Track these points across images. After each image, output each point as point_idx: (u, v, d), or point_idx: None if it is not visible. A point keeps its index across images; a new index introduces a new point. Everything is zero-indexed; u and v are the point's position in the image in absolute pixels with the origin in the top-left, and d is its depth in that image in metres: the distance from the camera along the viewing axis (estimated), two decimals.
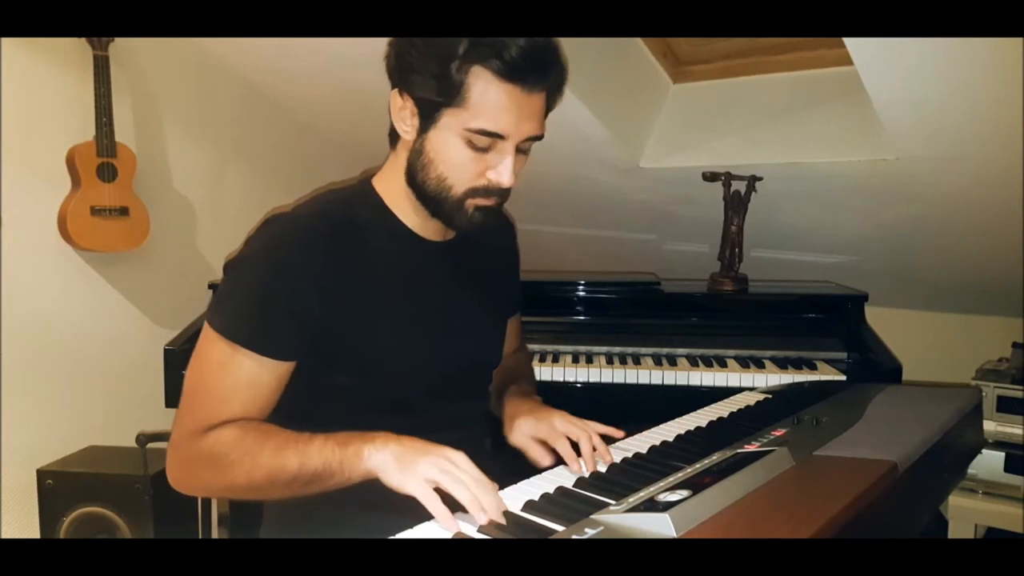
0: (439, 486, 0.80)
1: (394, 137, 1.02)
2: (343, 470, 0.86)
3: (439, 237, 1.06)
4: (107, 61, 1.82)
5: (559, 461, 1.00)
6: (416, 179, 0.99)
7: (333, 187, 1.08)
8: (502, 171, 0.95)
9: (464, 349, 1.08)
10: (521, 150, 0.97)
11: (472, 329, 1.10)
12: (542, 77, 0.93)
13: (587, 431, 1.00)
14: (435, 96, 0.92)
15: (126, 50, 1.95)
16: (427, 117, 0.94)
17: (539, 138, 0.97)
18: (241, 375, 0.93)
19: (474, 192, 0.96)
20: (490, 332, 1.17)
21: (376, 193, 1.05)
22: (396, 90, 0.97)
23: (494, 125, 0.91)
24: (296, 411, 1.02)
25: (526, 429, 1.04)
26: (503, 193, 0.98)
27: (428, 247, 1.06)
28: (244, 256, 0.96)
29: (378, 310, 0.99)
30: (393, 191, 1.03)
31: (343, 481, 0.87)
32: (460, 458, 0.83)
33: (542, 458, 1.01)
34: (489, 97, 0.90)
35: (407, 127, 0.97)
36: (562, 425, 1.01)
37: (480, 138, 0.92)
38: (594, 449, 0.99)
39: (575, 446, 0.99)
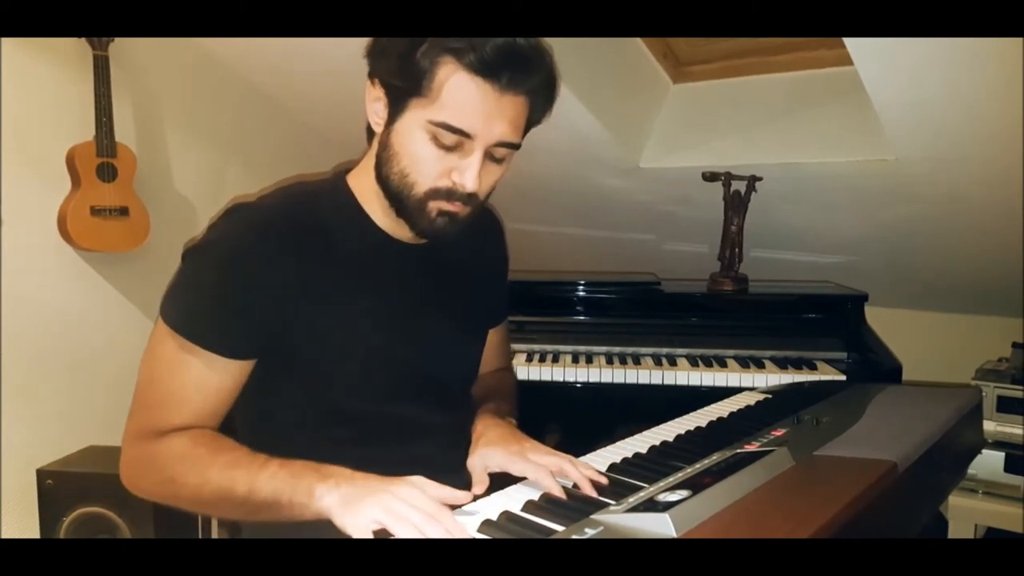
0: (383, 525, 0.75)
1: (371, 133, 0.98)
2: (292, 506, 0.81)
3: (412, 239, 1.01)
4: (107, 61, 1.82)
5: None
6: (381, 173, 0.94)
7: (302, 178, 1.04)
8: (466, 174, 0.89)
9: (432, 358, 1.03)
10: (495, 158, 0.92)
11: (443, 337, 1.05)
12: (519, 79, 0.87)
13: (566, 458, 0.92)
14: (399, 81, 0.88)
15: (126, 50, 1.95)
16: (395, 107, 0.90)
17: (514, 147, 0.92)
18: (190, 373, 0.90)
19: (436, 193, 0.91)
20: (463, 340, 1.11)
21: (348, 189, 1.00)
22: (370, 79, 0.93)
23: (459, 120, 0.86)
24: (253, 428, 1.01)
25: (492, 460, 0.94)
26: (469, 200, 0.92)
27: (399, 248, 1.01)
28: (201, 245, 0.93)
29: (336, 312, 0.94)
30: (365, 188, 0.99)
31: (293, 517, 0.81)
32: (409, 492, 0.77)
33: (477, 489, 0.92)
34: (456, 90, 0.85)
35: (378, 118, 0.94)
36: (539, 458, 0.91)
37: (445, 134, 0.87)
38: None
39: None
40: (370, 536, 0.75)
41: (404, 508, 0.75)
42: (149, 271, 2.08)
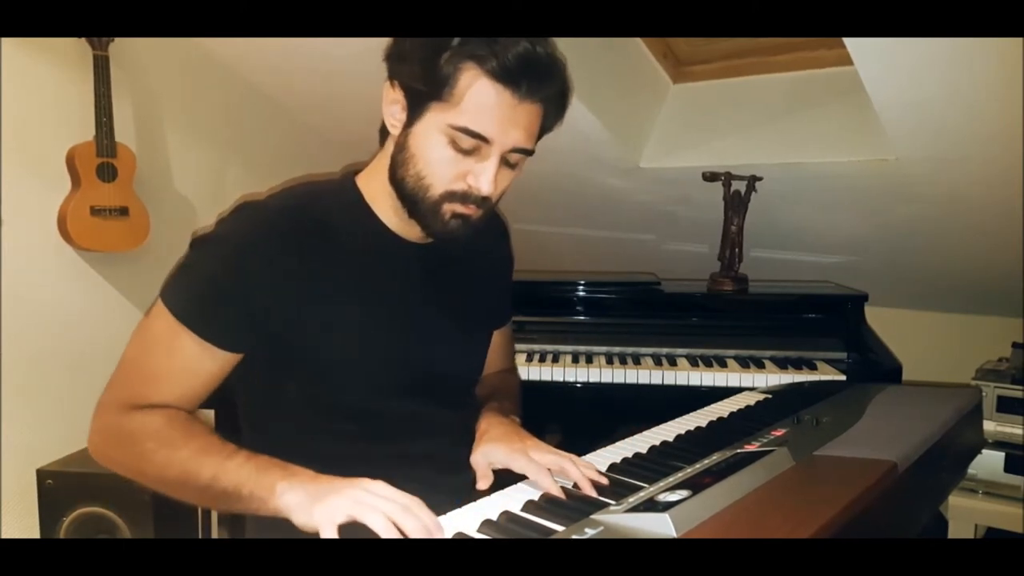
0: (354, 520, 0.75)
1: (384, 134, 0.99)
2: (252, 499, 0.81)
3: (420, 238, 1.02)
4: (107, 61, 1.82)
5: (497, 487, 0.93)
6: (396, 175, 0.95)
7: (311, 177, 1.05)
8: (482, 177, 0.91)
9: (436, 357, 1.03)
10: (509, 163, 0.94)
11: (447, 336, 1.05)
12: (537, 87, 0.89)
13: (569, 457, 0.93)
14: (422, 85, 0.89)
15: (126, 50, 1.95)
16: (414, 110, 0.92)
17: (529, 152, 0.94)
18: (179, 357, 0.91)
19: (452, 196, 0.93)
20: (468, 340, 1.12)
21: (357, 189, 1.02)
22: (389, 81, 0.94)
23: (478, 126, 0.88)
24: (256, 425, 1.02)
25: (494, 456, 0.95)
26: (483, 203, 0.94)
27: (406, 248, 1.02)
28: (208, 237, 0.94)
29: (339, 310, 0.95)
30: (375, 189, 1.00)
31: (251, 510, 0.82)
32: (377, 486, 0.79)
33: (482, 484, 0.94)
34: (477, 95, 0.88)
35: (395, 120, 0.95)
36: (540, 456, 0.92)
37: (463, 138, 0.89)
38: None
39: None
40: (335, 530, 0.75)
41: (373, 499, 0.76)
42: (149, 271, 2.08)
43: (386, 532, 0.74)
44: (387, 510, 0.75)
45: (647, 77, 2.13)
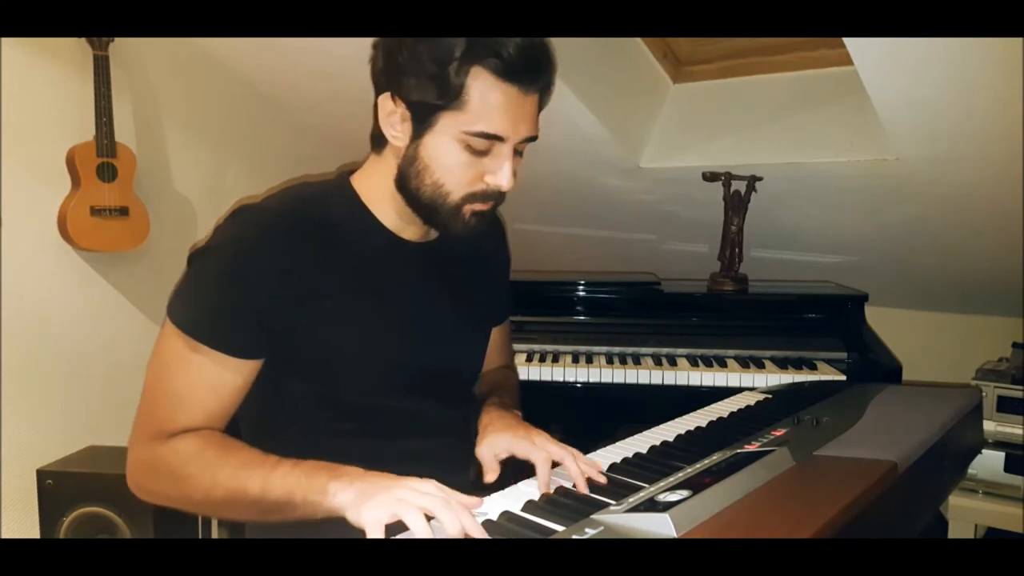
0: (397, 517, 0.75)
1: (377, 139, 0.99)
2: (306, 504, 0.81)
3: (418, 238, 1.03)
4: (107, 61, 1.82)
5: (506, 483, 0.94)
6: (409, 186, 0.95)
7: (307, 178, 1.05)
8: (501, 175, 0.93)
9: (437, 354, 1.04)
10: (518, 152, 0.96)
11: (447, 334, 1.06)
12: (537, 77, 0.92)
13: (571, 451, 0.93)
14: (434, 99, 0.89)
15: (126, 50, 1.95)
16: (422, 121, 0.92)
17: (534, 139, 0.96)
18: (199, 374, 0.90)
19: (472, 197, 0.94)
20: (468, 338, 1.13)
21: (353, 190, 1.02)
22: (386, 94, 0.94)
23: (494, 127, 0.90)
24: (257, 424, 1.01)
25: (500, 445, 0.96)
26: (500, 197, 0.97)
27: (404, 247, 1.02)
28: (208, 247, 0.94)
29: (340, 309, 0.95)
30: (373, 190, 1.00)
31: (306, 515, 0.82)
32: (424, 484, 0.79)
33: (489, 478, 0.95)
34: (489, 99, 0.89)
35: (397, 132, 0.94)
36: (543, 444, 0.93)
37: (479, 141, 0.90)
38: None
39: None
40: (381, 530, 0.75)
41: (416, 496, 0.76)
42: (149, 271, 2.08)
43: (422, 531, 0.74)
44: (426, 504, 0.76)
45: (647, 77, 2.13)
